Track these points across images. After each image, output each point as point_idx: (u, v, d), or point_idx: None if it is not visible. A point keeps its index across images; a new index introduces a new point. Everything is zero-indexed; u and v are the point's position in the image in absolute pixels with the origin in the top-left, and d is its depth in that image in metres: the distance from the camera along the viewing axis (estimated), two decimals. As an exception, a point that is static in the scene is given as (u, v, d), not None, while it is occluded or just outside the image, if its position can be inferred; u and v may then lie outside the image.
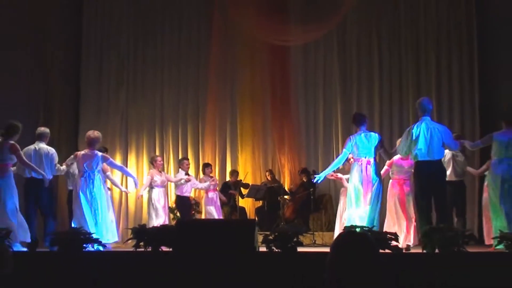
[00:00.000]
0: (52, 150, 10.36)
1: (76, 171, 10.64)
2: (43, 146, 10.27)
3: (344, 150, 9.48)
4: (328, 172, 10.05)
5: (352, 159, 9.70)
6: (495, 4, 13.05)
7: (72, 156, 10.58)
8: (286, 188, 13.46)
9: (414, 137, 8.69)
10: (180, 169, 12.65)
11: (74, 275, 8.08)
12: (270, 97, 14.17)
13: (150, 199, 12.25)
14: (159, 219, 11.95)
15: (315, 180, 9.98)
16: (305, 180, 12.78)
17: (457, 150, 10.08)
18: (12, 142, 9.65)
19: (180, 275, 7.76)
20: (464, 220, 10.00)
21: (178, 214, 12.85)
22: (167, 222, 11.78)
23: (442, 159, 9.10)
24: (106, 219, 10.49)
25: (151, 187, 12.22)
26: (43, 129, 10.53)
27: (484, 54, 13.21)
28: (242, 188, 13.21)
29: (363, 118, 9.52)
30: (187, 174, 12.51)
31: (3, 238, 8.87)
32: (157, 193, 12.17)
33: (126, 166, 13.72)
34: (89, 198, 10.27)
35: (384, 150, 9.55)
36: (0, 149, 9.57)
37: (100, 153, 10.44)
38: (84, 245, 9.22)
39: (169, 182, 13.00)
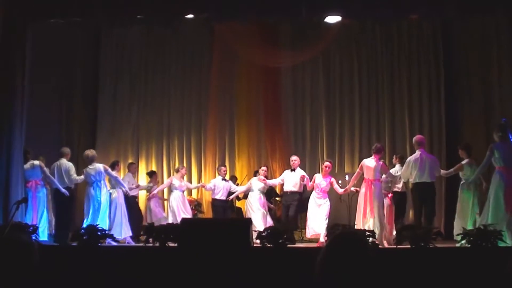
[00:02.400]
0: (69, 164, 11.02)
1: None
2: (63, 161, 10.97)
3: (358, 170, 10.60)
4: (350, 186, 10.94)
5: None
6: (457, 30, 13.15)
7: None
8: (277, 191, 13.42)
9: (413, 166, 10.01)
10: (218, 175, 12.86)
11: (92, 266, 8.08)
12: (263, 111, 14.20)
13: (169, 200, 12.54)
14: (175, 217, 12.01)
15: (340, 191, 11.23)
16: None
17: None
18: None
19: (185, 267, 7.77)
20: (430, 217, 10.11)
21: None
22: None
23: (413, 160, 10.13)
24: (108, 218, 11.10)
25: (170, 190, 12.49)
26: (64, 148, 11.36)
27: (449, 79, 13.33)
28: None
29: (382, 150, 10.66)
30: (223, 179, 12.61)
31: (31, 233, 9.03)
32: (175, 195, 12.29)
33: (138, 172, 13.70)
34: (96, 203, 10.90)
35: (389, 174, 10.63)
36: (33, 169, 10.66)
37: (101, 165, 11.12)
38: (100, 240, 9.30)
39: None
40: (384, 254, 8.42)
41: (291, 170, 11.94)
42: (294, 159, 12.01)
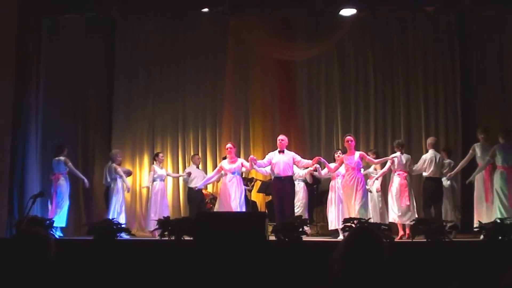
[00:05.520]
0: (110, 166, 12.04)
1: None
2: (110, 164, 12.08)
3: (389, 165, 10.97)
4: (379, 177, 11.34)
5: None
6: (473, 22, 13.10)
7: None
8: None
9: (429, 163, 10.86)
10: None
11: (109, 259, 8.14)
12: (278, 105, 14.16)
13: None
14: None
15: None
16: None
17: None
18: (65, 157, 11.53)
19: (200, 261, 7.80)
20: (440, 210, 10.81)
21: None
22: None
23: (430, 158, 10.91)
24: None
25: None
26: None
27: (465, 71, 13.26)
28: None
29: (404, 145, 11.26)
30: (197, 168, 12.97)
31: (47, 226, 9.17)
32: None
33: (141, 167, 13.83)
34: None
35: (411, 168, 11.03)
36: (58, 163, 11.46)
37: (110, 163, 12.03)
38: (117, 234, 9.39)
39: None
40: (399, 248, 8.41)
41: (279, 152, 11.13)
42: (282, 138, 11.21)
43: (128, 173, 12.75)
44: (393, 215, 10.72)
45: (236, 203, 10.96)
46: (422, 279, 7.11)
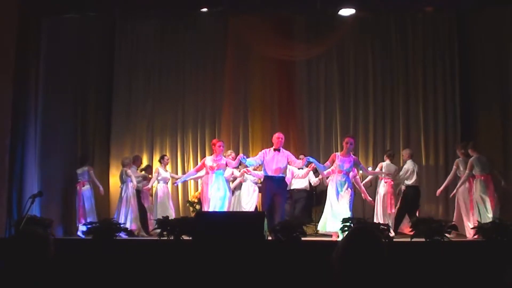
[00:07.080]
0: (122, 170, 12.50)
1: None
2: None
3: (378, 170, 11.76)
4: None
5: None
6: (473, 23, 13.09)
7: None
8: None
9: (411, 172, 11.67)
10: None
11: (108, 259, 8.13)
12: (277, 105, 14.16)
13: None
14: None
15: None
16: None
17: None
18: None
19: (199, 261, 7.80)
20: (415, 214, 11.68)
21: (196, 207, 12.95)
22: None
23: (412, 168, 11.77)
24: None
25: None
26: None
27: (464, 73, 13.26)
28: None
29: (394, 155, 12.02)
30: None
31: (46, 227, 9.17)
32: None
33: (152, 166, 13.74)
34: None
35: (397, 177, 11.84)
36: (82, 172, 12.34)
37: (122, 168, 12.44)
38: (116, 234, 9.40)
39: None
40: (399, 247, 8.42)
41: (275, 150, 10.59)
42: (281, 136, 10.64)
43: (144, 178, 12.76)
44: (379, 221, 11.10)
45: (216, 206, 10.70)
46: (421, 279, 7.12)
